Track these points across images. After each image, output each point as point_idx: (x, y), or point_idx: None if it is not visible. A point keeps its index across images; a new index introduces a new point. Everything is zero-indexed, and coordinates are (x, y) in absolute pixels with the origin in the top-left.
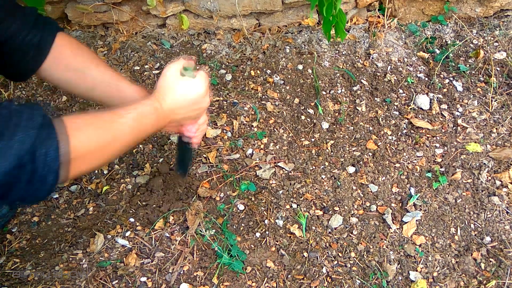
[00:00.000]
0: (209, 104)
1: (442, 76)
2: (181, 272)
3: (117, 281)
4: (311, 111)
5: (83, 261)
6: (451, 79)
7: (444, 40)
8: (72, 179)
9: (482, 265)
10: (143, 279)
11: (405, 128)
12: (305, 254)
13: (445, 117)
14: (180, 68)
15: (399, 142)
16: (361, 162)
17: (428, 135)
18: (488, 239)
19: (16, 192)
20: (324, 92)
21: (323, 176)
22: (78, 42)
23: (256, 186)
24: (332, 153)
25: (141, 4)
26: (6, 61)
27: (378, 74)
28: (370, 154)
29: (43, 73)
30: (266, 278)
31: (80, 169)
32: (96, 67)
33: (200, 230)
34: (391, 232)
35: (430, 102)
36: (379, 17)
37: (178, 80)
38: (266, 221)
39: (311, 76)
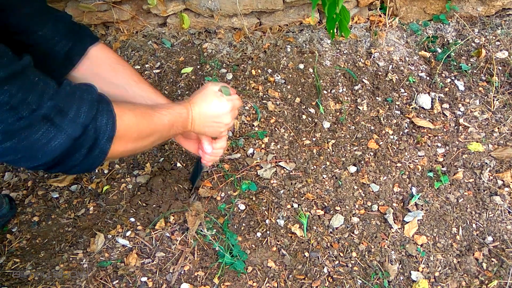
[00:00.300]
0: (231, 124)
1: (443, 75)
2: (182, 272)
3: (117, 281)
4: (312, 110)
5: (84, 261)
6: (453, 78)
7: (445, 39)
8: (108, 160)
9: (484, 265)
10: (144, 279)
11: (406, 128)
12: (306, 254)
13: (446, 116)
14: (220, 86)
15: (400, 142)
16: (362, 162)
17: (429, 135)
18: (490, 239)
19: (76, 158)
20: (325, 92)
21: (324, 176)
22: (117, 55)
23: (257, 185)
24: (333, 152)
25: (141, 3)
26: None
27: (380, 73)
28: (372, 153)
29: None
30: (267, 278)
31: (119, 150)
32: (136, 84)
33: (201, 230)
34: (393, 232)
35: (432, 102)
36: (380, 16)
37: (214, 95)
38: (267, 221)
39: (312, 75)
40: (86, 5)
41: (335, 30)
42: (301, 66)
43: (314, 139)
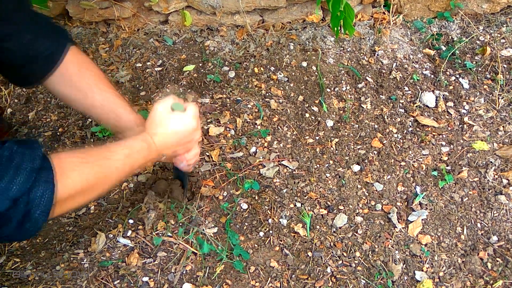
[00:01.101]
0: (200, 136)
1: (448, 73)
2: (184, 272)
3: (118, 281)
4: (315, 108)
5: (84, 260)
6: (457, 76)
7: (450, 37)
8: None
9: (489, 264)
10: (145, 279)
11: (410, 126)
12: (309, 253)
13: (451, 115)
14: (170, 104)
15: (404, 140)
16: (366, 161)
17: (434, 133)
18: (495, 238)
19: (4, 231)
20: (328, 90)
21: (328, 175)
22: (87, 60)
23: (260, 184)
24: (336, 151)
25: (143, 0)
26: (13, 68)
27: (384, 71)
28: (375, 152)
29: (47, 84)
30: (269, 278)
31: (65, 209)
32: (99, 91)
33: (203, 229)
34: (397, 232)
35: (436, 100)
36: (384, 13)
37: (169, 115)
38: (270, 220)
39: (316, 73)
40: (87, 2)
41: (339, 28)
42: (304, 64)
43: (317, 137)
